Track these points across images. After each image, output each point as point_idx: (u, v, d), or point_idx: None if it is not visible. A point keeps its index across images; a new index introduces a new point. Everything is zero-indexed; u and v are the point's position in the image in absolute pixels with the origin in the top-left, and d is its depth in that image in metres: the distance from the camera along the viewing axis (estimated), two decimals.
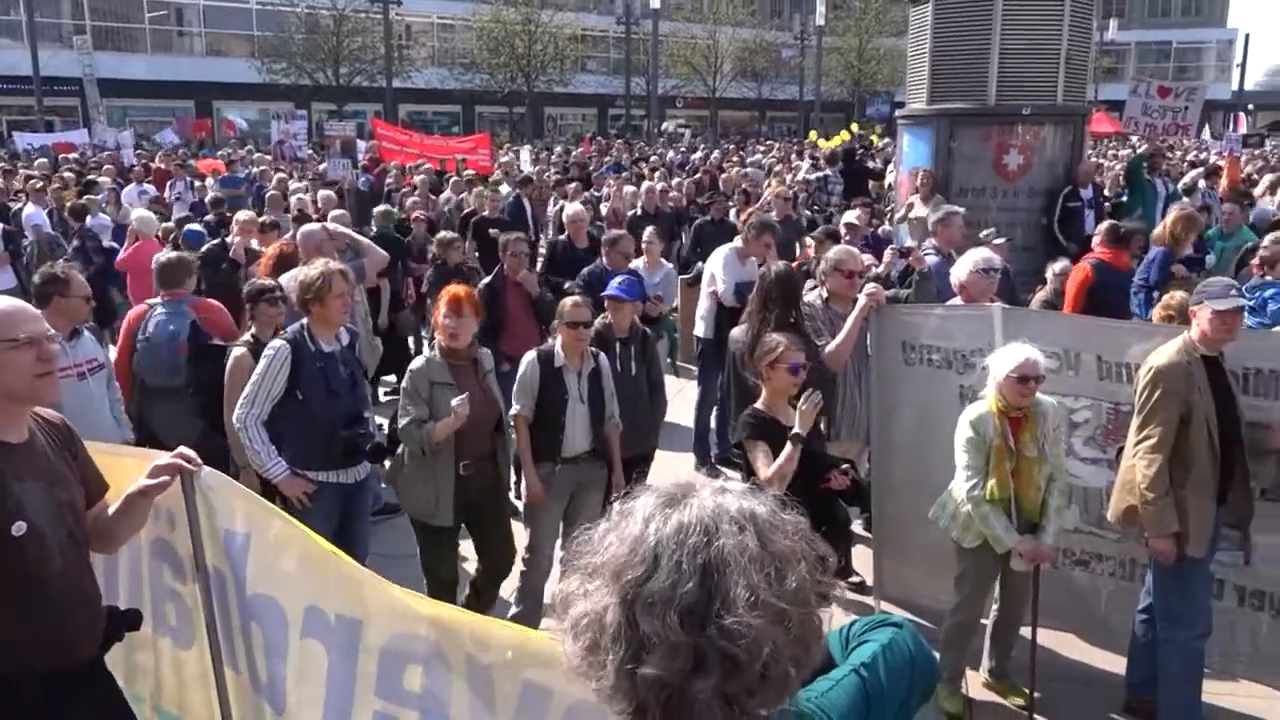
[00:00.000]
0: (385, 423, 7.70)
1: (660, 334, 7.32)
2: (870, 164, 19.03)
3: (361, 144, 23.95)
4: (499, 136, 37.18)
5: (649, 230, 8.68)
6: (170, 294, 6.01)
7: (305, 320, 4.75)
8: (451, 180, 16.04)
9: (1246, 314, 5.64)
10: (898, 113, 12.10)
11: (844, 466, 4.25)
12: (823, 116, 48.32)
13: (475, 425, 4.67)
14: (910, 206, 10.06)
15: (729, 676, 1.15)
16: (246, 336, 5.32)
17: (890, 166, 15.93)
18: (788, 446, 4.11)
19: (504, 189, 15.00)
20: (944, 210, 7.81)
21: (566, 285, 7.27)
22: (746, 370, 4.96)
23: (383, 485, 6.84)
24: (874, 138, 30.46)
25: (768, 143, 34.54)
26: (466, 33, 48.73)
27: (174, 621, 3.10)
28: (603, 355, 5.35)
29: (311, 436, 4.63)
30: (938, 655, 4.62)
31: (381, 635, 2.50)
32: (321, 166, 19.24)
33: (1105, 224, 8.15)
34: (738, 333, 5.67)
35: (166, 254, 6.62)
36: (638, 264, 8.05)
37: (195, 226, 9.88)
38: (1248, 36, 60.33)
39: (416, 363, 4.93)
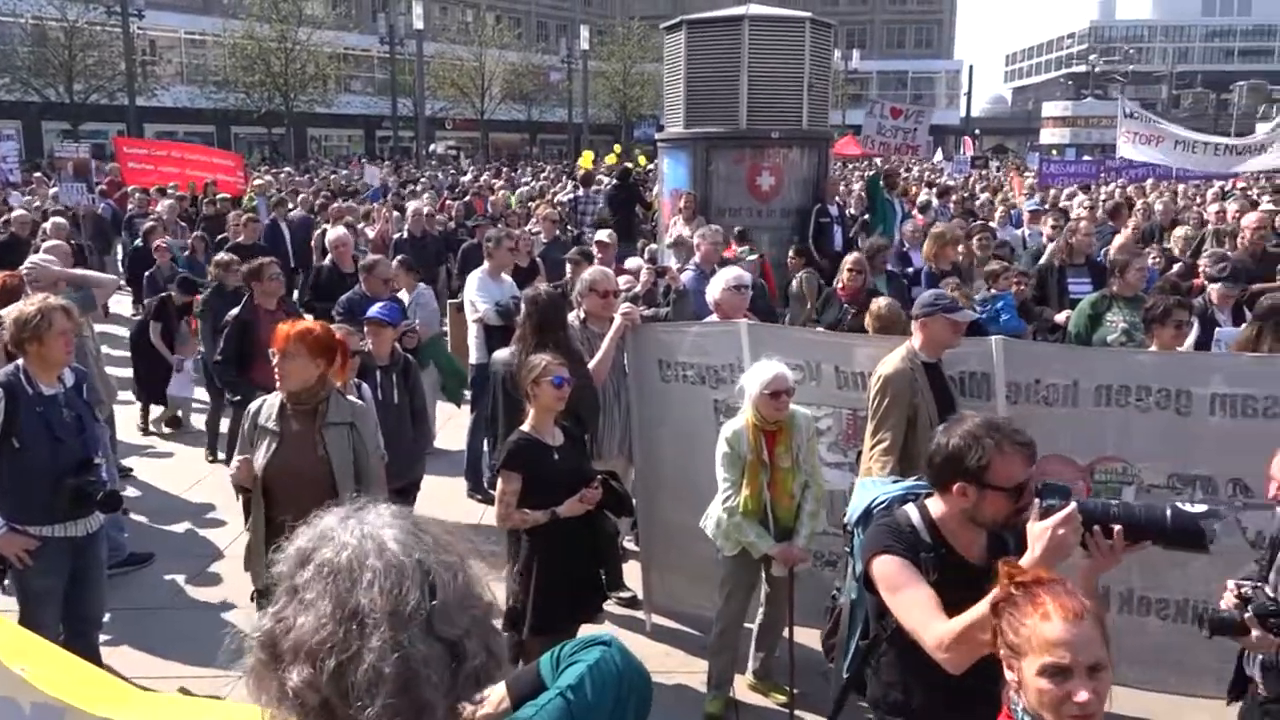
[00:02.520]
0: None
1: (426, 361, 7.15)
2: (642, 187, 19.46)
3: (104, 166, 22.19)
4: (250, 158, 35.40)
5: (394, 260, 8.39)
6: None
7: (20, 361, 4.33)
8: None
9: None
10: (658, 136, 12.48)
11: (599, 477, 4.30)
12: (592, 139, 49.13)
13: (301, 482, 4.09)
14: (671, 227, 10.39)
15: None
16: None
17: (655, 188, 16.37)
18: (539, 514, 4.20)
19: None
20: (704, 229, 8.12)
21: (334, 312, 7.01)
22: (516, 391, 4.93)
23: (125, 534, 6.34)
24: (642, 159, 31.07)
25: (537, 164, 34.66)
26: (218, 49, 46.26)
27: None
28: (365, 385, 5.18)
29: (32, 487, 4.23)
30: (712, 661, 4.81)
31: None
32: (53, 191, 17.69)
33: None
34: (503, 355, 5.61)
35: None
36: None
37: None
38: (971, 67, 66.77)
39: (255, 403, 4.40)
